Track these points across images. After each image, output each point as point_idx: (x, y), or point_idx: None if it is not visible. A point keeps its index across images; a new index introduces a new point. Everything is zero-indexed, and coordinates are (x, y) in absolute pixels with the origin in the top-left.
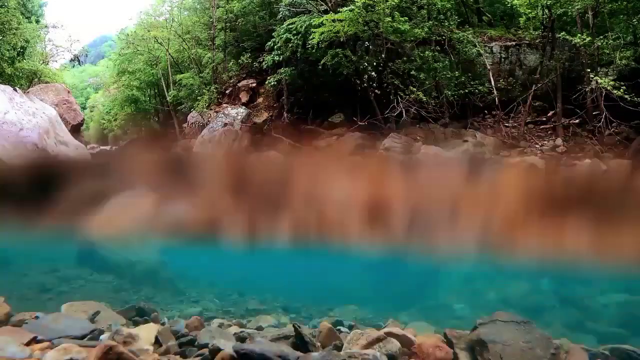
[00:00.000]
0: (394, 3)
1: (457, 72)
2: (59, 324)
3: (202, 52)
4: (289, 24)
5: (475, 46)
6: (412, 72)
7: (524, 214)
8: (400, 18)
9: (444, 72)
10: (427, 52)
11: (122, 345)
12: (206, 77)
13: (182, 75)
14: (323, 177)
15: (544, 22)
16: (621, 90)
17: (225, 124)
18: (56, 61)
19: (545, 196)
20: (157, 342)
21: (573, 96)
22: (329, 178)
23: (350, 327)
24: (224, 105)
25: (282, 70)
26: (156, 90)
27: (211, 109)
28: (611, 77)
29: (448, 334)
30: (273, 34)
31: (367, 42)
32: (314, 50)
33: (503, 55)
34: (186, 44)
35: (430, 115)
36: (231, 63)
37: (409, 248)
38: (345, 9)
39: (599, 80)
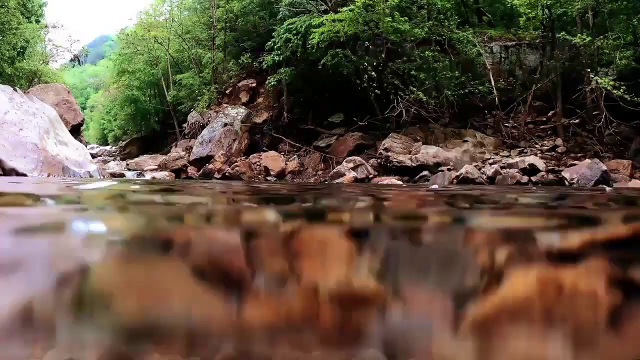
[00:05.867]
0: (394, 3)
1: (457, 72)
2: None
3: (202, 52)
4: (289, 24)
5: (475, 46)
6: (412, 72)
7: None
8: (400, 18)
9: (444, 72)
10: (427, 52)
11: None
12: (206, 77)
13: (182, 75)
14: None
15: (544, 22)
16: (621, 90)
17: (225, 124)
18: (56, 61)
19: None
20: None
21: (573, 96)
22: None
23: None
24: (224, 105)
25: (282, 70)
26: (156, 90)
27: (211, 109)
28: (611, 77)
29: None
30: (273, 34)
31: (367, 42)
32: (314, 50)
33: (503, 55)
34: (186, 44)
35: (430, 115)
36: (231, 63)
37: None
38: (345, 9)
39: (599, 80)
